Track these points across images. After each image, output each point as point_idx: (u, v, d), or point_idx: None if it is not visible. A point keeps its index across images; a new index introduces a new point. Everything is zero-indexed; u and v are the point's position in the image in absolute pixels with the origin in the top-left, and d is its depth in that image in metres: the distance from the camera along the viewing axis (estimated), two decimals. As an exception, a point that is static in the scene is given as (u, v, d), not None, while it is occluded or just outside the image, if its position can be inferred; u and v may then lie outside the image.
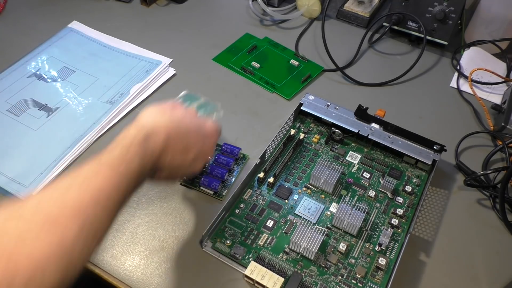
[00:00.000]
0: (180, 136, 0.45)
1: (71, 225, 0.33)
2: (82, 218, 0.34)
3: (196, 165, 0.49)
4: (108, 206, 0.37)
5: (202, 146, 0.49)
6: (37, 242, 0.31)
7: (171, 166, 0.45)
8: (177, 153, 0.45)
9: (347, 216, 0.53)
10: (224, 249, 0.52)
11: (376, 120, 0.63)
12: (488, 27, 0.80)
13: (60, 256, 0.32)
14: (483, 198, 0.60)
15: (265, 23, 0.87)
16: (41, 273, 0.31)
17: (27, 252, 0.31)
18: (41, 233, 0.32)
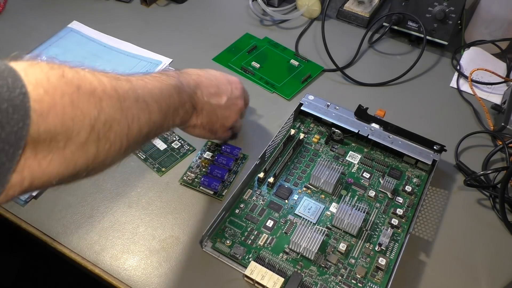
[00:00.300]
0: (209, 79, 0.52)
1: (153, 107, 0.40)
2: (161, 104, 0.41)
3: (231, 115, 0.55)
4: (171, 104, 0.43)
5: (231, 93, 0.54)
6: (134, 110, 0.37)
7: (208, 108, 0.51)
8: (210, 94, 0.51)
9: (347, 216, 0.53)
10: (224, 249, 0.52)
11: (376, 120, 0.63)
12: (488, 27, 0.80)
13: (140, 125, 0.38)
14: (483, 198, 0.60)
15: (265, 23, 0.87)
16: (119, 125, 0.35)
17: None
18: (131, 108, 0.37)
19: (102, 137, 0.33)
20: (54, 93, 0.29)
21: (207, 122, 0.52)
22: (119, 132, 0.35)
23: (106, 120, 0.33)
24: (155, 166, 0.61)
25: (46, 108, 0.29)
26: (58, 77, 0.30)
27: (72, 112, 0.30)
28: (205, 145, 0.64)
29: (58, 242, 0.53)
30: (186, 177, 0.60)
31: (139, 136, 0.38)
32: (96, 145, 0.33)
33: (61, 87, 0.30)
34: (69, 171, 0.32)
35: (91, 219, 0.55)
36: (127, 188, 0.58)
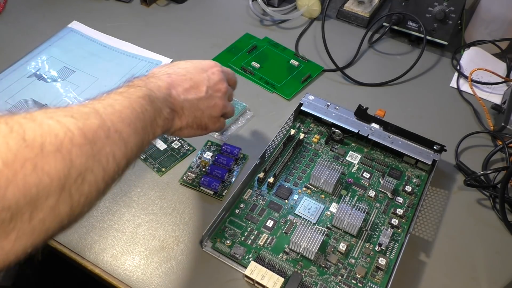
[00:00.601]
0: (180, 74, 0.47)
1: (127, 131, 0.36)
2: (131, 126, 0.36)
3: (216, 102, 0.50)
4: (146, 119, 0.39)
5: (208, 80, 0.49)
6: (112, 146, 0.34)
7: (188, 105, 0.46)
8: (186, 90, 0.47)
9: (347, 216, 0.53)
10: (224, 249, 0.52)
11: (376, 120, 0.63)
12: (488, 27, 0.80)
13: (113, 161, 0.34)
14: (483, 198, 0.60)
15: (265, 23, 0.87)
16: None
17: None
18: (106, 141, 0.33)
19: (75, 193, 0.30)
20: (13, 163, 0.26)
21: (192, 120, 0.48)
22: (94, 180, 0.31)
23: (78, 174, 0.30)
24: (155, 166, 0.61)
25: (4, 183, 0.25)
26: (18, 141, 0.27)
27: (36, 179, 0.27)
28: (205, 145, 0.64)
29: (58, 242, 0.53)
30: (186, 177, 0.60)
31: (117, 172, 0.34)
32: (70, 203, 0.30)
33: (22, 154, 0.27)
34: (42, 238, 0.29)
35: (91, 219, 0.55)
36: (127, 188, 0.59)
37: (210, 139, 0.64)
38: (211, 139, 0.65)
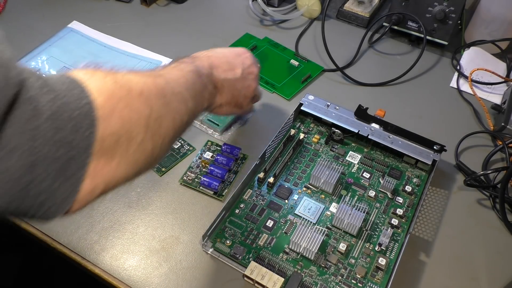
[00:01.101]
0: (219, 57, 0.53)
1: (185, 96, 0.42)
2: (189, 94, 0.42)
3: (250, 83, 0.57)
4: (197, 90, 0.45)
5: (243, 63, 0.56)
6: (176, 104, 0.39)
7: (227, 84, 0.53)
8: (225, 71, 0.52)
9: (347, 216, 0.53)
10: (224, 249, 0.52)
11: (376, 120, 0.63)
12: (488, 27, 0.80)
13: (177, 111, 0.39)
14: (483, 198, 0.60)
15: (265, 23, 0.87)
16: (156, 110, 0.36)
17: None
18: (171, 99, 0.39)
19: (155, 134, 0.36)
20: (112, 99, 0.31)
21: (231, 98, 0.54)
22: (167, 126, 0.37)
23: (156, 117, 0.35)
24: (155, 166, 0.61)
25: (108, 114, 0.30)
26: (112, 83, 0.32)
27: (128, 114, 0.32)
28: (205, 145, 0.64)
29: (58, 242, 0.53)
30: (186, 177, 0.60)
31: (181, 126, 0.40)
32: (152, 142, 0.35)
33: (116, 93, 0.32)
34: (133, 171, 0.35)
35: (91, 219, 0.55)
36: (127, 188, 0.58)
37: (210, 139, 0.64)
38: (211, 139, 0.65)
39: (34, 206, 0.28)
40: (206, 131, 0.66)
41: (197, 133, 0.66)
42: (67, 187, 0.29)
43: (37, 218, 0.29)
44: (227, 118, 0.66)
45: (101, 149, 0.30)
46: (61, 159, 0.28)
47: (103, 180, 0.32)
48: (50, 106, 0.27)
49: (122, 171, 0.33)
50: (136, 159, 0.34)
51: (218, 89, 0.52)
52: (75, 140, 0.28)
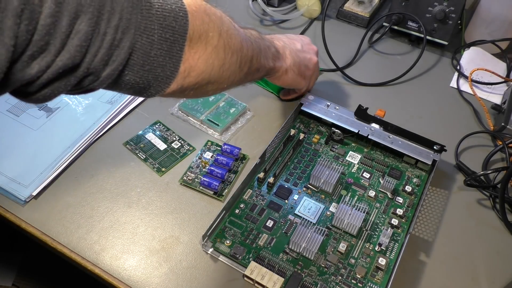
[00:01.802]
0: (278, 36, 0.61)
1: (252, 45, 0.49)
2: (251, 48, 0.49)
3: (311, 56, 0.63)
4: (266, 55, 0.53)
5: (301, 39, 0.64)
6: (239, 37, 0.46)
7: (290, 50, 0.59)
8: (286, 42, 0.60)
9: (347, 216, 0.53)
10: (224, 249, 0.52)
11: (376, 120, 0.63)
12: (488, 27, 0.80)
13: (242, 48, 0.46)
14: (483, 198, 0.60)
15: (265, 23, 0.87)
16: (230, 40, 0.44)
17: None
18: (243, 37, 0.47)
19: (227, 45, 0.42)
20: (195, 4, 0.39)
21: (294, 64, 0.59)
22: (237, 45, 0.44)
23: (227, 30, 0.42)
24: (155, 166, 0.61)
25: (193, 12, 0.38)
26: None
27: (206, 18, 0.40)
28: (205, 145, 0.64)
29: (58, 242, 0.53)
30: (186, 177, 0.60)
31: (247, 56, 0.47)
32: (224, 51, 0.42)
33: (196, 2, 0.39)
34: (208, 71, 0.41)
35: (91, 219, 0.55)
36: (127, 188, 0.59)
37: (210, 139, 0.65)
38: (211, 139, 0.65)
39: (151, 80, 0.36)
40: (206, 131, 0.66)
41: (197, 133, 0.66)
42: (172, 64, 0.37)
43: (149, 93, 0.37)
44: (227, 118, 0.66)
45: (190, 40, 0.37)
46: (168, 41, 0.35)
47: (190, 66, 0.39)
48: (157, 1, 0.34)
49: (202, 65, 0.40)
50: (212, 60, 0.41)
51: (281, 54, 0.57)
52: (176, 26, 0.36)
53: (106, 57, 0.31)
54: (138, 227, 0.55)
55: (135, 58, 0.34)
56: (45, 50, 0.28)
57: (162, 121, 0.67)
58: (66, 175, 0.59)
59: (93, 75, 0.32)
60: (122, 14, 0.31)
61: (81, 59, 0.30)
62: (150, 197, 0.58)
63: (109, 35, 0.31)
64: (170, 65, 0.37)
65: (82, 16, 0.28)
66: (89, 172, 0.60)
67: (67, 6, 0.27)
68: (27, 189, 0.57)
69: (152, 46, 0.34)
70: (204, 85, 0.42)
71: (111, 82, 0.34)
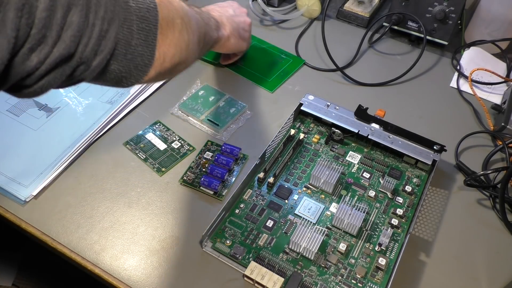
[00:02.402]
0: (209, 7, 0.65)
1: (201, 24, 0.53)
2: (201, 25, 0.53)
3: (245, 19, 0.69)
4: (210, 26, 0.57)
5: (231, 5, 0.69)
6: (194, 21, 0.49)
7: (226, 18, 0.64)
8: (220, 11, 0.64)
9: (347, 216, 0.53)
10: (224, 249, 0.52)
11: (376, 120, 0.63)
12: (488, 27, 0.80)
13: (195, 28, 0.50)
14: (483, 198, 0.60)
15: (265, 23, 0.87)
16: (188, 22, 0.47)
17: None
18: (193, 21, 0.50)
19: (188, 27, 0.46)
20: None
21: (233, 29, 0.64)
22: (194, 25, 0.48)
23: (186, 14, 0.46)
24: (155, 166, 0.61)
25: (161, 2, 0.41)
26: None
27: (170, 6, 0.43)
28: (205, 145, 0.64)
29: (58, 242, 0.53)
30: (186, 177, 0.60)
31: (201, 33, 0.51)
32: (187, 32, 0.46)
33: None
34: (178, 54, 0.44)
35: (91, 219, 0.55)
36: (127, 188, 0.59)
37: (210, 139, 0.65)
38: (211, 139, 0.65)
39: (132, 69, 0.39)
40: (206, 131, 0.66)
41: (197, 133, 0.66)
42: (149, 52, 0.39)
43: (129, 82, 0.40)
44: (227, 118, 0.66)
45: (161, 27, 0.40)
46: (144, 30, 0.38)
47: (163, 52, 0.42)
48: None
49: (172, 50, 0.43)
50: (179, 44, 0.44)
51: (220, 23, 0.61)
52: (150, 17, 0.38)
53: (96, 47, 0.33)
54: (138, 227, 0.55)
55: (119, 48, 0.36)
56: (42, 42, 0.29)
57: (162, 121, 0.67)
58: (66, 175, 0.59)
59: (85, 65, 0.34)
60: (107, 6, 0.33)
61: (75, 49, 0.32)
62: (150, 197, 0.58)
63: (97, 26, 0.33)
64: (148, 53, 0.39)
65: (74, 9, 0.30)
66: (89, 172, 0.60)
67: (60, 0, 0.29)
68: (27, 189, 0.57)
69: (132, 36, 0.37)
70: (177, 66, 0.46)
71: (100, 71, 0.36)
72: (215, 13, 0.62)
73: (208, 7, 0.64)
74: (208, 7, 0.64)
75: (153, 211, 0.57)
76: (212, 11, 0.63)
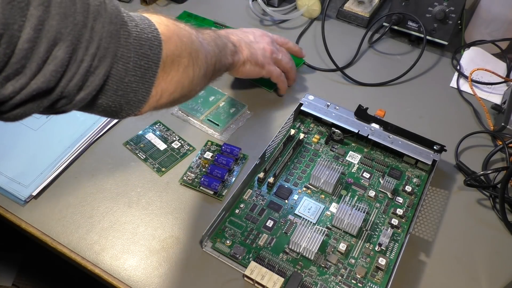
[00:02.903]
0: (232, 31, 0.64)
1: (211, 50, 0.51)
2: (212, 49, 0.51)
3: (265, 46, 0.66)
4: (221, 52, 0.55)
5: (252, 32, 0.67)
6: (200, 46, 0.47)
7: (244, 43, 0.62)
8: (239, 36, 0.63)
9: (347, 216, 0.53)
10: (224, 249, 0.52)
11: (376, 120, 0.63)
12: (488, 27, 0.80)
13: (204, 57, 0.48)
14: (483, 198, 0.60)
15: (265, 23, 0.87)
16: (193, 51, 0.46)
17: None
18: (204, 46, 0.49)
19: (195, 63, 0.45)
20: (168, 29, 0.41)
21: (250, 55, 0.62)
22: (202, 59, 0.46)
23: (195, 50, 0.45)
24: (155, 166, 0.61)
25: (167, 39, 0.40)
26: (167, 20, 0.42)
27: (179, 42, 0.42)
28: (205, 145, 0.64)
29: (58, 242, 0.53)
30: (186, 177, 0.60)
31: (211, 65, 0.50)
32: (192, 69, 0.44)
33: (171, 26, 0.42)
34: (179, 90, 0.43)
35: (91, 219, 0.55)
36: (127, 188, 0.59)
37: (210, 139, 0.65)
38: (211, 139, 0.65)
39: (123, 104, 0.37)
40: (206, 131, 0.66)
41: (197, 133, 0.66)
42: (144, 89, 0.38)
43: (121, 115, 0.39)
44: (227, 118, 0.66)
45: (163, 64, 0.39)
46: (142, 68, 0.37)
47: (162, 89, 0.40)
48: (135, 30, 0.36)
49: (172, 86, 0.42)
50: (182, 80, 0.43)
51: (238, 47, 0.60)
52: (151, 54, 0.37)
53: (80, 83, 0.32)
54: (138, 227, 0.55)
55: (109, 83, 0.35)
56: (20, 73, 0.28)
57: (162, 121, 0.67)
58: (66, 175, 0.59)
59: (67, 99, 0.32)
60: (100, 43, 0.32)
61: (55, 83, 0.30)
62: (150, 197, 0.58)
63: (85, 62, 0.31)
64: (143, 90, 0.38)
65: (61, 44, 0.29)
66: (89, 172, 0.60)
67: (47, 33, 0.28)
68: (27, 189, 0.57)
69: (126, 73, 0.35)
70: (175, 102, 0.45)
71: (84, 105, 0.35)
72: (234, 37, 0.61)
73: (229, 30, 0.63)
74: (230, 30, 0.63)
75: (153, 211, 0.57)
76: (232, 35, 0.61)
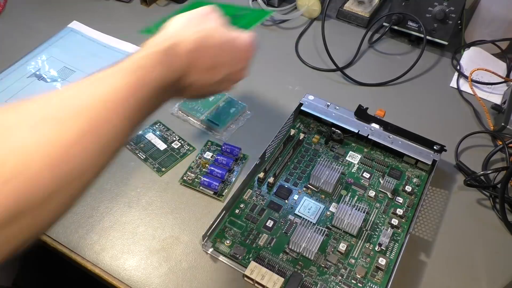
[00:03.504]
0: (208, 52, 0.41)
1: (70, 124, 0.29)
2: (86, 120, 0.29)
3: (225, 86, 0.45)
4: (121, 112, 0.32)
5: (233, 66, 0.44)
6: (25, 134, 0.27)
7: (197, 84, 0.41)
8: (203, 71, 0.41)
9: (347, 216, 0.53)
10: (224, 249, 0.52)
11: (376, 120, 0.63)
12: (488, 27, 0.80)
13: (52, 154, 0.27)
14: (483, 198, 0.60)
15: (265, 23, 0.87)
16: (25, 168, 0.26)
17: (11, 145, 0.27)
18: (32, 127, 0.28)
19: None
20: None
21: (193, 95, 0.44)
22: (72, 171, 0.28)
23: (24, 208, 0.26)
24: (155, 166, 0.61)
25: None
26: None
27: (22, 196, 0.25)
28: (205, 145, 0.64)
29: (58, 242, 0.53)
30: (186, 177, 0.60)
31: (100, 144, 0.30)
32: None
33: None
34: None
35: (91, 219, 0.55)
36: (127, 188, 0.59)
37: (210, 139, 0.64)
38: (211, 139, 0.65)
39: None
40: (206, 131, 0.66)
41: (197, 133, 0.66)
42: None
43: None
44: (228, 118, 0.66)
45: None
46: None
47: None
48: None
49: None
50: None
51: (182, 87, 0.41)
52: None
53: None
54: (138, 227, 0.55)
55: None
56: None
57: (162, 121, 0.67)
58: (66, 175, 0.59)
59: None
60: None
61: None
62: (150, 197, 0.58)
63: None
64: None
65: None
66: (89, 172, 0.60)
67: None
68: (27, 189, 0.57)
69: None
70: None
71: None
72: (193, 71, 0.40)
73: (204, 51, 0.40)
74: (207, 49, 0.41)
75: (153, 211, 0.57)
76: (200, 64, 0.40)
